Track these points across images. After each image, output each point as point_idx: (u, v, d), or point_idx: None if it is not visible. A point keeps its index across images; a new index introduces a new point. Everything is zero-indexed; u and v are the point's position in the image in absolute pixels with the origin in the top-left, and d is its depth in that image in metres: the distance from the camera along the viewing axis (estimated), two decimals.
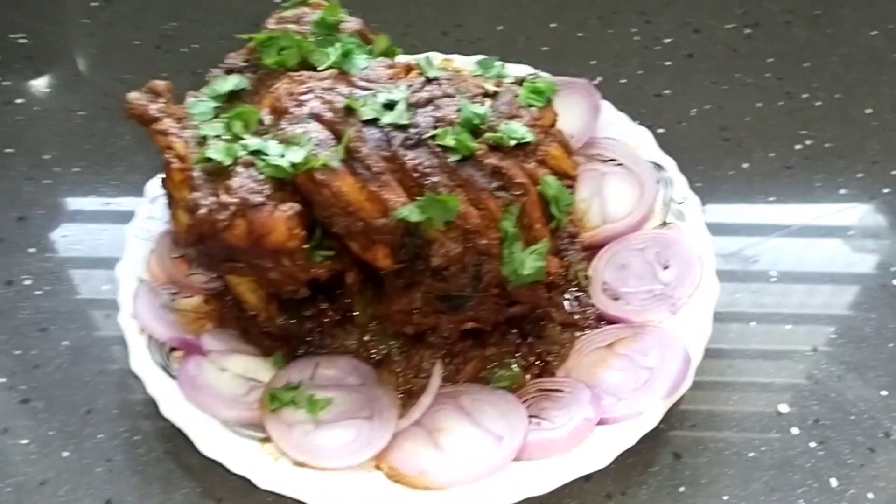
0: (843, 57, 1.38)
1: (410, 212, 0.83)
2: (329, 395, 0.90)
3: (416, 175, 0.85)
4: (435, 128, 0.88)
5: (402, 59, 1.01)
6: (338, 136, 0.87)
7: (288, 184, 0.85)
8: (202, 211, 0.82)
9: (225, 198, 0.82)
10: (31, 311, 1.03)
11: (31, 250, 1.10)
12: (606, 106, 1.15)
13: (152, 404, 0.94)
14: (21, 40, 1.39)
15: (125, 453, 0.91)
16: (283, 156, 0.84)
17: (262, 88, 0.96)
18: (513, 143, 0.88)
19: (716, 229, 1.04)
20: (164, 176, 0.90)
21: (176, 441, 0.91)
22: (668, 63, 1.37)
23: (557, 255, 0.94)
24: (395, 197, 0.85)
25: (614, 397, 0.89)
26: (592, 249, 1.06)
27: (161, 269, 0.99)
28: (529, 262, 0.87)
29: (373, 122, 0.88)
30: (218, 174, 0.84)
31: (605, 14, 1.46)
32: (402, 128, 0.88)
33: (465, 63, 1.13)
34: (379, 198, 0.84)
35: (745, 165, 1.21)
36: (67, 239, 1.12)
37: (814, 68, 1.36)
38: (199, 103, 0.94)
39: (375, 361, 0.96)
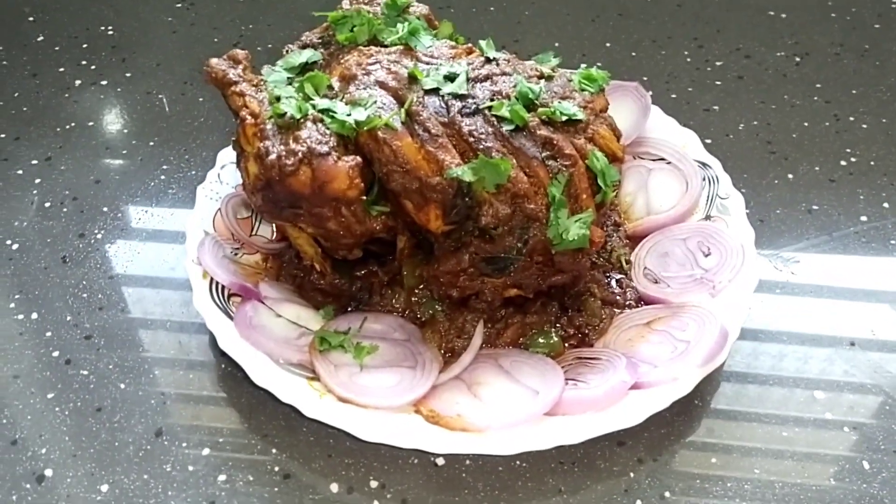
0: (890, 87, 1.41)
1: (464, 172, 0.89)
2: (375, 344, 0.94)
3: (470, 140, 0.91)
4: (492, 100, 0.94)
5: None
6: (400, 102, 0.93)
7: (351, 143, 0.91)
8: (272, 157, 0.88)
9: (293, 146, 0.88)
10: (99, 261, 1.10)
11: (105, 209, 1.17)
12: (655, 110, 1.20)
13: (208, 349, 1.00)
14: (109, 32, 1.50)
15: (178, 389, 0.96)
16: (349, 114, 0.91)
17: (334, 62, 1.03)
18: (564, 118, 0.94)
19: (758, 231, 1.07)
20: (235, 138, 0.97)
21: (227, 382, 0.97)
22: (718, 83, 1.42)
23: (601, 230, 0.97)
24: (449, 158, 0.90)
25: (650, 365, 0.91)
26: (635, 239, 1.10)
27: (225, 227, 1.06)
28: (574, 228, 0.91)
29: (434, 91, 0.94)
30: (287, 128, 0.90)
31: (658, 37, 1.52)
32: (460, 97, 0.94)
33: None
34: (435, 157, 0.89)
35: (790, 176, 1.24)
36: (139, 200, 1.19)
37: (861, 95, 1.39)
38: (275, 73, 1.01)
39: (421, 322, 1.00)
